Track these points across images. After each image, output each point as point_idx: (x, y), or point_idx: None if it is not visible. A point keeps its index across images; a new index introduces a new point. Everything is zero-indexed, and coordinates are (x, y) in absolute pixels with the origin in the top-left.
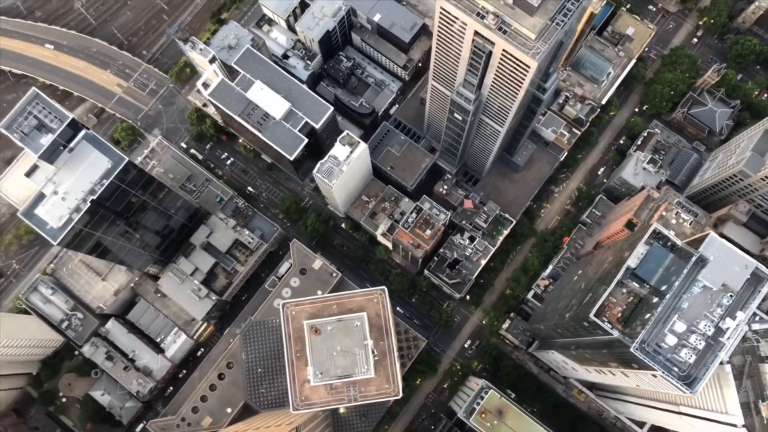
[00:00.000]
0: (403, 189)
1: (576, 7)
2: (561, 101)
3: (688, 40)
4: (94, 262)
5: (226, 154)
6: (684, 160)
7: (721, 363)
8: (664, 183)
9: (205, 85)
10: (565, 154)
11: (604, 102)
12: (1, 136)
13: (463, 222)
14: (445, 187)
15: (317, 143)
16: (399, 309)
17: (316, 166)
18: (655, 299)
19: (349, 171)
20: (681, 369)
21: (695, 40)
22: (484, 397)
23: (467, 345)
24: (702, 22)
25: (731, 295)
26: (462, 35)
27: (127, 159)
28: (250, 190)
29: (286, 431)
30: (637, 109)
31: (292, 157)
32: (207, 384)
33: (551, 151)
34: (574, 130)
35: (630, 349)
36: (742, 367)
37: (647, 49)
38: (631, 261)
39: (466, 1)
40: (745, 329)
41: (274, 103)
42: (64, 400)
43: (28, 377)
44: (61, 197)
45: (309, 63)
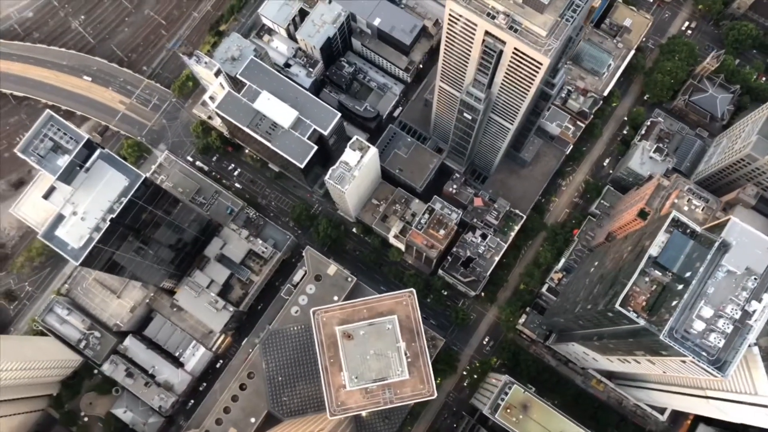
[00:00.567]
0: (413, 190)
1: (584, 3)
2: (564, 95)
3: (684, 29)
4: (109, 280)
5: (233, 165)
6: (688, 147)
7: (749, 345)
8: (671, 171)
9: (212, 98)
10: (571, 147)
11: (606, 93)
12: (8, 159)
13: (474, 220)
14: (454, 186)
15: (324, 149)
16: None
17: (328, 172)
18: (680, 286)
19: (360, 175)
20: (710, 353)
21: (690, 31)
22: (508, 393)
23: (485, 342)
24: (699, 8)
25: (755, 278)
26: (472, 36)
27: (144, 176)
28: (260, 200)
29: None
30: (639, 99)
31: (302, 165)
32: (229, 395)
33: (557, 145)
34: (578, 123)
35: (659, 337)
36: None
37: (645, 39)
38: (653, 249)
39: (475, 2)
40: None
41: (281, 113)
42: (86, 419)
43: (49, 398)
44: (80, 217)
45: (311, 70)
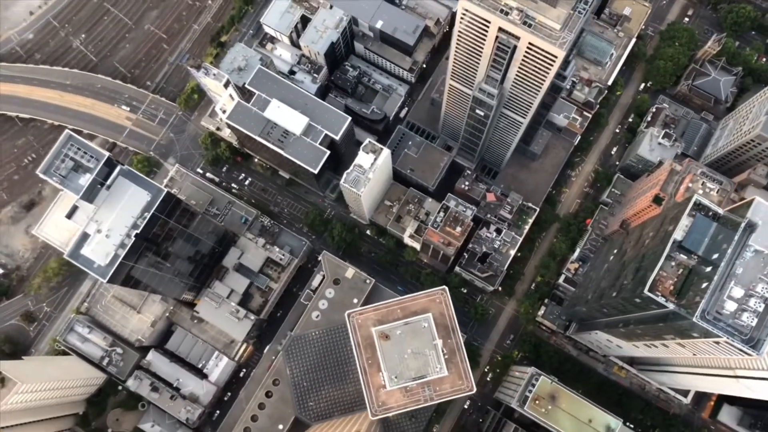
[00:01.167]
0: (425, 189)
1: None
2: (569, 86)
3: (682, 14)
4: (128, 296)
5: (243, 174)
6: (694, 131)
7: None
8: (680, 156)
9: (223, 110)
10: (579, 138)
11: (609, 83)
12: (17, 181)
13: (487, 216)
14: (466, 183)
15: (335, 153)
16: None
17: (342, 176)
18: (707, 268)
19: (374, 178)
20: (744, 333)
21: (688, 18)
22: (535, 384)
23: (508, 336)
24: None
25: None
26: (485, 33)
27: (166, 190)
28: (272, 207)
29: None
30: (642, 86)
31: (316, 171)
32: (256, 403)
33: (565, 136)
34: (584, 113)
35: (692, 320)
36: None
37: (644, 27)
38: (677, 234)
39: (489, 0)
40: None
41: (292, 120)
42: None
43: (75, 417)
44: (105, 235)
45: (316, 76)
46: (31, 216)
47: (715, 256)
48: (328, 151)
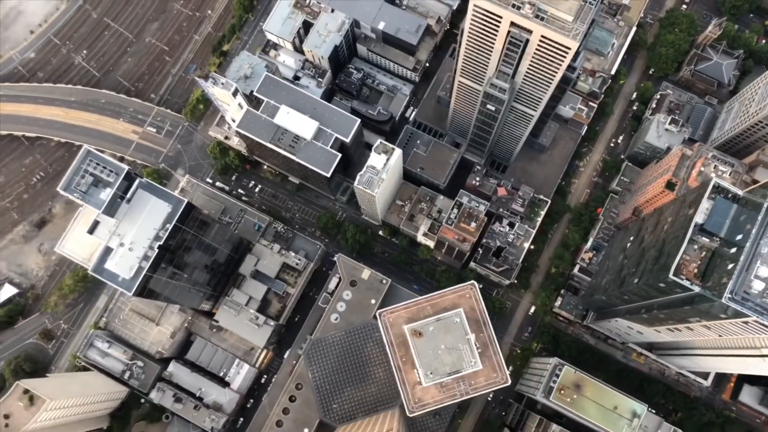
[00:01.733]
0: (436, 187)
1: None
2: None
3: (680, 1)
4: (146, 309)
5: (253, 182)
6: (699, 115)
7: None
8: (687, 141)
9: (233, 119)
10: (585, 128)
11: (612, 72)
12: (27, 200)
13: (500, 210)
14: (477, 178)
15: (345, 156)
16: None
17: (356, 178)
18: (731, 250)
19: (387, 178)
20: None
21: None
22: (559, 374)
23: (526, 329)
24: None
25: None
26: (496, 29)
27: (186, 200)
28: (284, 213)
29: None
30: (645, 74)
31: (329, 174)
32: (280, 408)
33: (572, 127)
34: (590, 103)
35: (720, 301)
36: None
37: (644, 15)
38: (698, 217)
39: None
40: None
41: (302, 125)
42: None
43: None
44: (128, 248)
45: (321, 80)
46: (43, 234)
47: (738, 237)
48: (340, 154)
